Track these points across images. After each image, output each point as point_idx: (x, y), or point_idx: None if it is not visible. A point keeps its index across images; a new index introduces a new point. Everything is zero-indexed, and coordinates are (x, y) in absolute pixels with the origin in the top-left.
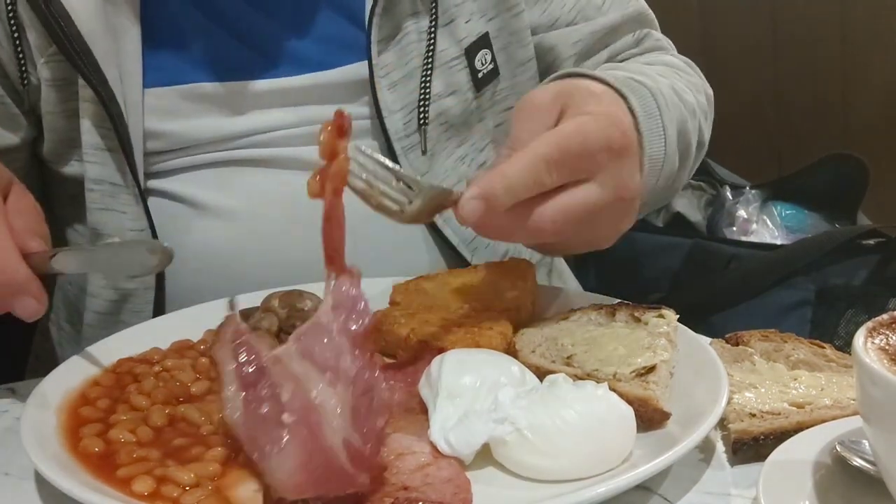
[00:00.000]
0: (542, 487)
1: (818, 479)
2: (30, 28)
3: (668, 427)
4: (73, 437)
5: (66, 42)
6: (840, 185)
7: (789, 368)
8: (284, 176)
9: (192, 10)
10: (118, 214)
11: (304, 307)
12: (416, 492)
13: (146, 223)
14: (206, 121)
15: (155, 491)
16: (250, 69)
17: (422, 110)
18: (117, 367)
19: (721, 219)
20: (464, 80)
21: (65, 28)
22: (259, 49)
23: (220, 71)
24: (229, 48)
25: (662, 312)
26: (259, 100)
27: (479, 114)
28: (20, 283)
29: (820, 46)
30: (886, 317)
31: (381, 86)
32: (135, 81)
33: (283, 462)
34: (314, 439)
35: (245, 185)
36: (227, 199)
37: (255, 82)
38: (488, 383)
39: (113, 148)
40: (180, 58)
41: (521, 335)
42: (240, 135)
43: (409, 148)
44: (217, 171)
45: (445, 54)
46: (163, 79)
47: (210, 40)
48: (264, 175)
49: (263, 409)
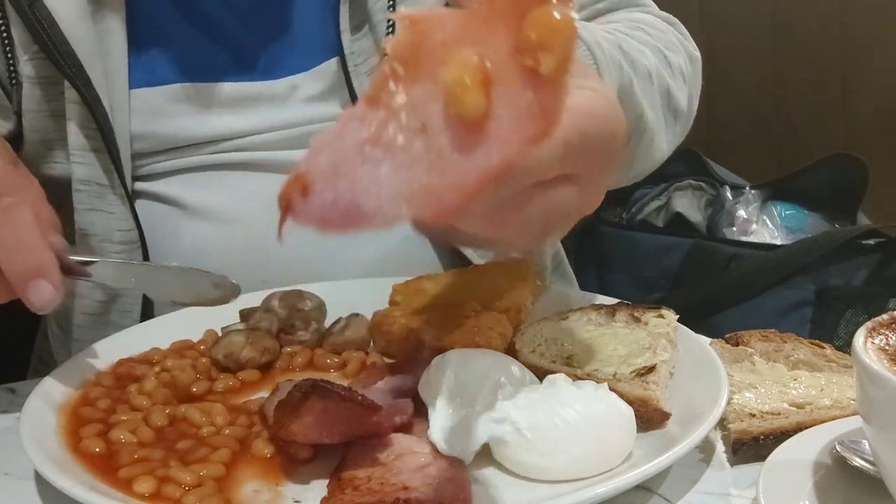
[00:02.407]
0: (542, 487)
1: (818, 479)
2: (15, 24)
3: (668, 427)
4: (74, 438)
5: (50, 44)
6: (840, 185)
7: (789, 368)
8: (270, 178)
9: (174, 12)
10: (105, 215)
11: (304, 307)
12: (416, 492)
13: (133, 224)
14: (190, 122)
15: (156, 491)
16: (230, 71)
17: None
18: (117, 367)
19: (721, 219)
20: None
21: (48, 30)
22: (238, 52)
23: (202, 72)
24: (209, 50)
25: (662, 312)
26: (240, 102)
27: None
28: (43, 265)
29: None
30: (886, 317)
31: (357, 74)
32: (120, 82)
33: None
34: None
35: (232, 187)
36: (214, 202)
37: (235, 84)
38: (488, 383)
39: (99, 149)
40: (165, 59)
41: (521, 335)
42: (223, 137)
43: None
44: (204, 174)
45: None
46: (148, 79)
47: (192, 42)
48: (250, 178)
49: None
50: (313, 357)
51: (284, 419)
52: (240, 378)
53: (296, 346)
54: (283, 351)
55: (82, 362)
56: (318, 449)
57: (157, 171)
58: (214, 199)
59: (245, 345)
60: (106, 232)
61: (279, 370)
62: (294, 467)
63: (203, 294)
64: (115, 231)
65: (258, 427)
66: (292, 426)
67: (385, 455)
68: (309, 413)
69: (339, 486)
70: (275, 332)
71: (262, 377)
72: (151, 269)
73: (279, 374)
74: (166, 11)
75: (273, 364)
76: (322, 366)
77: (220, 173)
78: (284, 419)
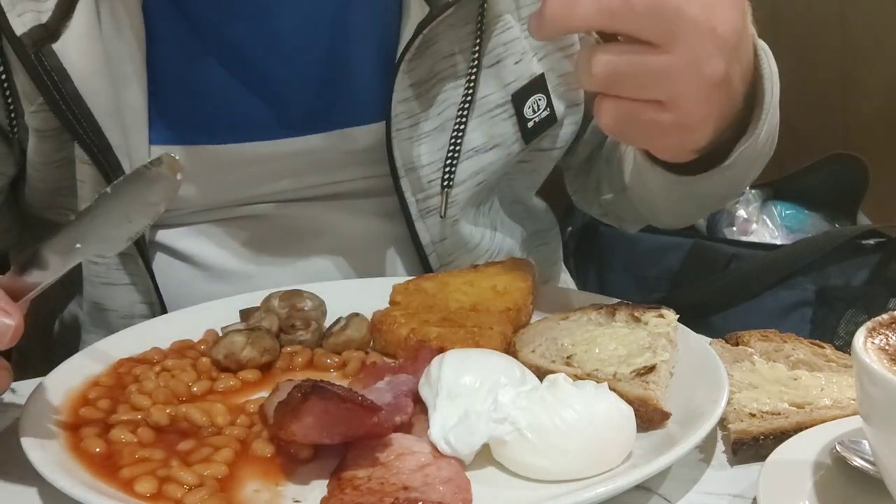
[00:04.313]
0: (542, 487)
1: (818, 479)
2: (17, 71)
3: (668, 427)
4: (74, 438)
5: (61, 101)
6: (840, 185)
7: (789, 368)
8: (297, 237)
9: (202, 54)
10: (125, 288)
11: (304, 307)
12: (416, 492)
13: (156, 297)
14: (217, 184)
15: (157, 491)
16: (269, 127)
17: (448, 168)
18: (118, 367)
19: (721, 219)
20: (509, 130)
21: (60, 85)
22: (281, 104)
23: (234, 129)
24: (245, 102)
25: (662, 312)
26: (277, 162)
27: (526, 166)
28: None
29: (820, 46)
30: (886, 317)
31: (401, 139)
32: (140, 138)
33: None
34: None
35: (253, 243)
36: (233, 260)
37: (275, 143)
38: (488, 383)
39: None
40: (190, 112)
41: (521, 335)
42: (251, 200)
43: (426, 212)
44: (224, 228)
45: (487, 101)
46: (170, 136)
47: (225, 94)
48: (275, 235)
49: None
50: (313, 357)
51: (284, 420)
52: (240, 378)
53: (296, 346)
54: (283, 351)
55: (82, 362)
56: (318, 449)
57: (170, 222)
58: (230, 258)
59: (245, 345)
60: (128, 306)
61: (279, 370)
62: (294, 467)
63: (148, 199)
64: (138, 304)
65: (258, 427)
66: (292, 427)
67: (385, 455)
68: (309, 414)
69: (339, 486)
70: (275, 332)
71: (263, 377)
72: (89, 218)
73: (279, 374)
74: (194, 55)
75: (273, 364)
76: (322, 366)
77: (239, 227)
78: (284, 420)
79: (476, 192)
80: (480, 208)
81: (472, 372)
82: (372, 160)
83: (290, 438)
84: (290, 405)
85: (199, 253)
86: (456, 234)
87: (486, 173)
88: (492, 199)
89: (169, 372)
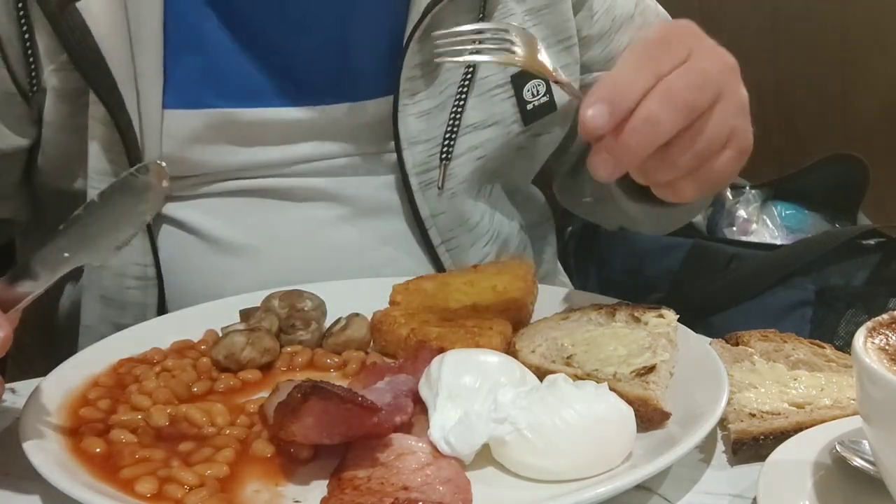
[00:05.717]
0: (542, 487)
1: (818, 479)
2: (40, 30)
3: (668, 427)
4: (74, 438)
5: (81, 55)
6: (840, 185)
7: (789, 368)
8: (298, 207)
9: (218, 25)
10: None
11: (305, 307)
12: (416, 492)
13: (152, 259)
14: (225, 150)
15: (157, 492)
16: (280, 95)
17: (446, 143)
18: (118, 367)
19: (721, 219)
20: (508, 110)
21: (81, 40)
22: (291, 73)
23: (247, 95)
24: (258, 71)
25: (662, 312)
26: (287, 129)
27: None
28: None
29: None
30: (886, 317)
31: (406, 114)
32: (154, 102)
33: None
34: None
35: (257, 217)
36: (238, 234)
37: (286, 110)
38: (488, 383)
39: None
40: (204, 78)
41: (521, 335)
42: (261, 165)
43: (426, 184)
44: (228, 200)
45: (487, 81)
46: (184, 100)
47: (238, 61)
48: (276, 206)
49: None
50: (313, 357)
51: (285, 420)
52: (240, 378)
53: (296, 346)
54: (284, 351)
55: (82, 362)
56: (318, 449)
57: (177, 195)
58: (238, 231)
59: (245, 345)
60: (121, 265)
61: (279, 370)
62: (294, 467)
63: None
64: (131, 265)
65: (258, 427)
66: (292, 427)
67: (385, 455)
68: (309, 414)
69: (339, 486)
70: (275, 332)
71: (263, 377)
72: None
73: (279, 374)
74: (210, 25)
75: (273, 364)
76: (322, 366)
77: (245, 200)
78: (285, 420)
79: (475, 168)
80: (481, 190)
81: (472, 372)
82: (377, 134)
83: (290, 438)
84: (290, 405)
85: (202, 224)
86: (454, 208)
87: (484, 149)
88: (493, 184)
89: (169, 372)
